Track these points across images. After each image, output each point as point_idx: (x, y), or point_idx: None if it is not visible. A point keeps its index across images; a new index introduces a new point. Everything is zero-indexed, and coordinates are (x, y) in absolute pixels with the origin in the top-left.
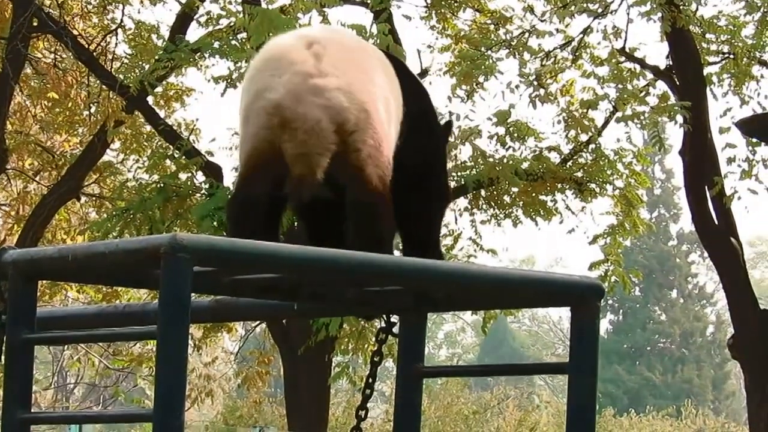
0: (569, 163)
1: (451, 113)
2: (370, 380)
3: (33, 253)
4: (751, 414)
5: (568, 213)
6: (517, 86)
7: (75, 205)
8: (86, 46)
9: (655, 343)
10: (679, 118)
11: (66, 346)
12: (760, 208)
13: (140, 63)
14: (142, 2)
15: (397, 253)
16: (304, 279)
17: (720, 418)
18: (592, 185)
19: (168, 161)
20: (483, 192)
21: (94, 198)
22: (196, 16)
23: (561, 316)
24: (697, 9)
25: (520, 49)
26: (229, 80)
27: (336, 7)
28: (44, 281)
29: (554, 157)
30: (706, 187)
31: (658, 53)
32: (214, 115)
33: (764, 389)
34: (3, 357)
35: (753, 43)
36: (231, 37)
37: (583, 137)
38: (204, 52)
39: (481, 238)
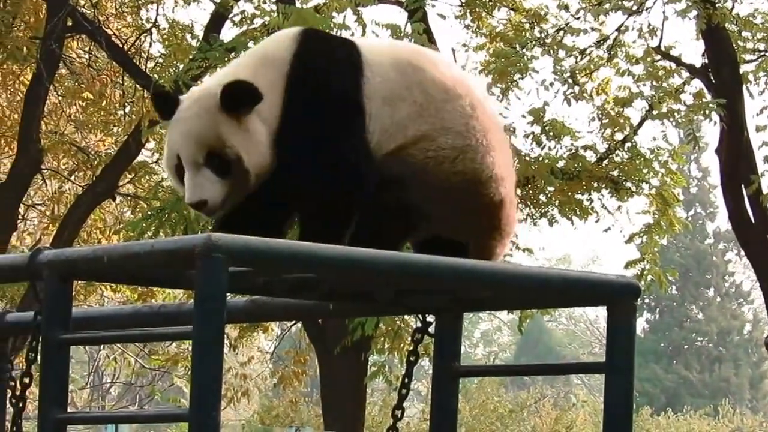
0: (605, 162)
1: None
2: (406, 380)
3: (68, 253)
4: None
5: (604, 212)
6: (551, 84)
7: (110, 204)
8: (121, 45)
9: (692, 342)
10: (715, 116)
11: (102, 346)
12: None
13: (174, 62)
14: (176, 2)
15: None
16: (339, 279)
17: (758, 417)
18: (628, 184)
19: None
20: (518, 191)
21: (129, 198)
22: (230, 16)
23: (597, 314)
24: (733, 7)
25: (555, 47)
26: None
27: (371, 6)
28: (79, 281)
29: (590, 156)
30: (742, 186)
31: (693, 51)
32: None
33: None
34: (39, 357)
35: None
36: (265, 37)
37: (619, 136)
38: (238, 52)
39: (516, 237)
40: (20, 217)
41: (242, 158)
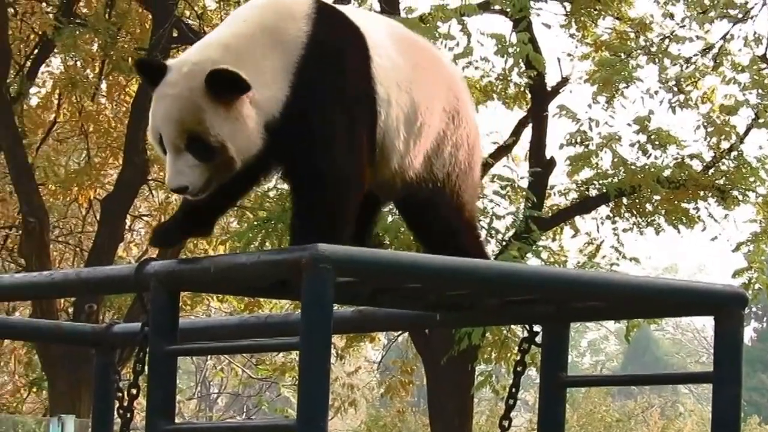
0: (711, 171)
1: (591, 119)
2: (514, 390)
3: (175, 264)
4: None
5: (710, 220)
6: (656, 92)
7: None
8: None
9: None
10: None
11: (209, 357)
12: None
13: None
14: None
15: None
16: (445, 289)
17: None
18: (735, 192)
19: None
20: (625, 200)
21: (235, 208)
22: None
23: (705, 323)
24: None
25: (660, 55)
26: None
27: (475, 15)
28: (186, 292)
29: (696, 165)
30: None
31: None
32: None
33: None
34: (146, 368)
35: None
36: None
37: (725, 144)
38: None
39: (623, 246)
40: (127, 228)
41: (227, 146)
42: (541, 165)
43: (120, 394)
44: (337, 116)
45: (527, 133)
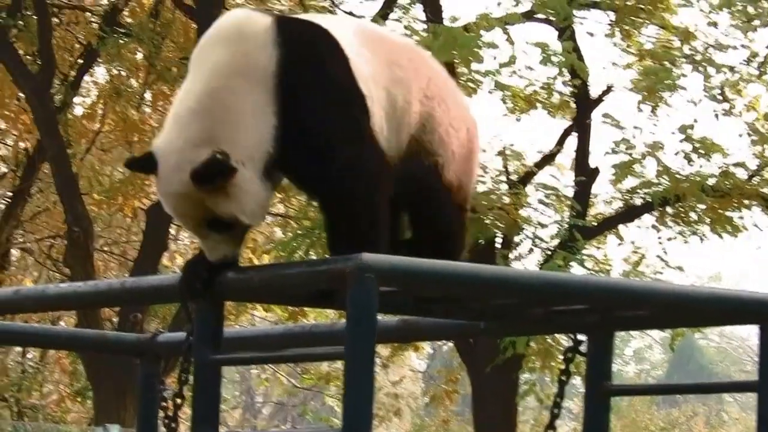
0: (756, 179)
1: (635, 128)
2: (558, 399)
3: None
4: None
5: (755, 229)
6: (700, 100)
7: (260, 224)
8: None
9: None
10: None
11: (253, 366)
12: None
13: None
14: None
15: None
16: (489, 298)
17: None
18: None
19: None
20: (669, 209)
21: (279, 217)
22: None
23: (750, 332)
24: None
25: (704, 64)
26: None
27: (519, 24)
28: (231, 301)
29: (741, 173)
30: None
31: None
32: None
33: None
34: (191, 378)
35: None
36: None
37: None
38: None
39: (667, 255)
40: (171, 237)
41: (239, 219)
42: (585, 174)
43: (165, 404)
44: (336, 119)
45: (571, 142)
